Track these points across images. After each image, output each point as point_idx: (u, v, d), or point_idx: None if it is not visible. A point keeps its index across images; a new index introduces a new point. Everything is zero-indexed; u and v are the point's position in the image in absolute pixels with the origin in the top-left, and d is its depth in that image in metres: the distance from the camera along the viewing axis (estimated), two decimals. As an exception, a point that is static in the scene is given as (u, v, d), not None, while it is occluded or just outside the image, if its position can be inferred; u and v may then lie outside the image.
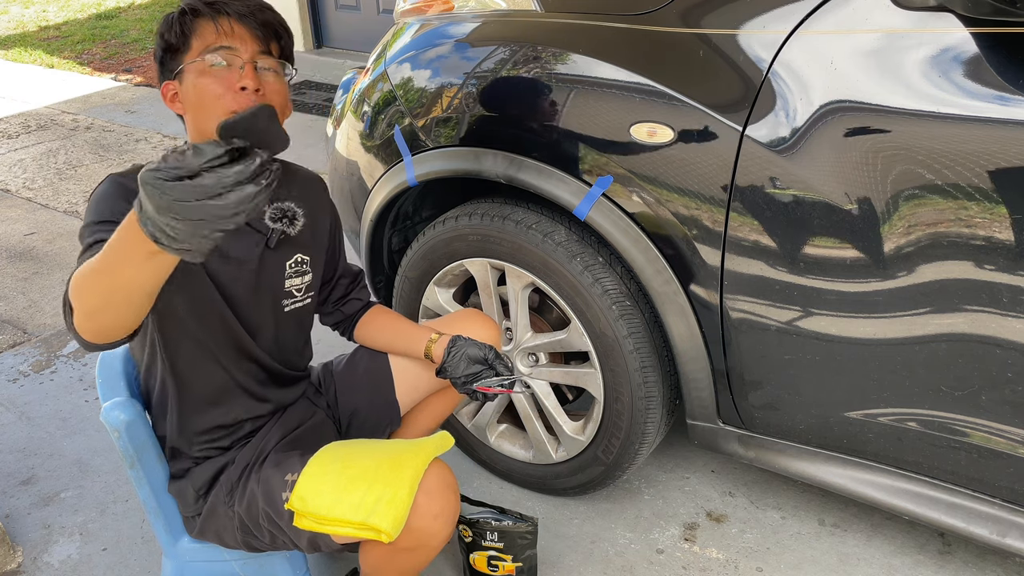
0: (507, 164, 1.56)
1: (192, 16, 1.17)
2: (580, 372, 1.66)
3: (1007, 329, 1.18)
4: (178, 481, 1.33)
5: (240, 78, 1.16)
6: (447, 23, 1.73)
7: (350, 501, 1.17)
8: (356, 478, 1.19)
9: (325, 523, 1.19)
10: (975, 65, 1.12)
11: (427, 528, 1.19)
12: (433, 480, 1.20)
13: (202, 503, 1.32)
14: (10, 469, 2.01)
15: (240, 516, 1.28)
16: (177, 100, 1.22)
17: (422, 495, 1.18)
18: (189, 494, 1.32)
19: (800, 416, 1.45)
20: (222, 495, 1.30)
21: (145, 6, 7.86)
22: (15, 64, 6.13)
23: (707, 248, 1.37)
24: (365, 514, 1.16)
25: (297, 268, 1.33)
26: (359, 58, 5.01)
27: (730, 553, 1.69)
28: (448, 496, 1.21)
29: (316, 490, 1.20)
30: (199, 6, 1.17)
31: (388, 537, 1.15)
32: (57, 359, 2.46)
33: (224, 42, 1.16)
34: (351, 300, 1.53)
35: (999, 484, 1.32)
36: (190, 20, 1.17)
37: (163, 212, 0.78)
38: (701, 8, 1.34)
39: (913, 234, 1.19)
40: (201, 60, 1.16)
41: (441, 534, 1.21)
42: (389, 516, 1.15)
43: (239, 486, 1.29)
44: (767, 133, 1.26)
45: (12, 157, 4.22)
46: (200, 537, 1.35)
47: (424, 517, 1.18)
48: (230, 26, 1.17)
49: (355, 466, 1.22)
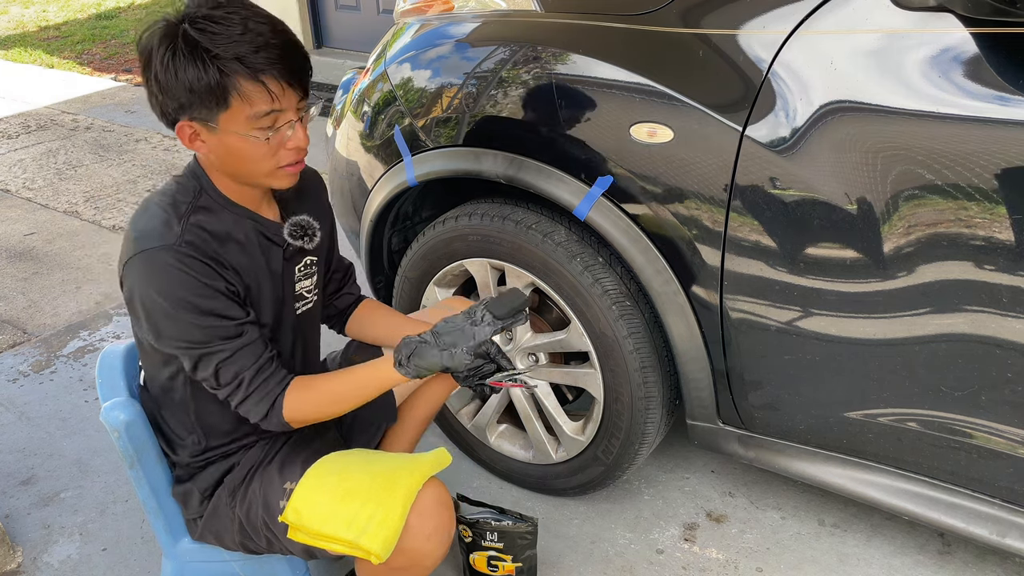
0: (507, 164, 1.56)
1: (233, 75, 1.05)
2: (580, 372, 1.66)
3: (1007, 329, 1.18)
4: (183, 484, 1.33)
5: (290, 139, 1.12)
6: (447, 23, 1.73)
7: (343, 517, 1.17)
8: (351, 492, 1.19)
9: (318, 538, 1.19)
10: (975, 65, 1.12)
11: (419, 549, 1.19)
12: (427, 500, 1.19)
13: (206, 505, 1.32)
14: (10, 469, 2.01)
15: (240, 519, 1.28)
16: (199, 141, 1.13)
17: (414, 516, 1.18)
18: (195, 496, 1.32)
19: (800, 416, 1.45)
20: (224, 496, 1.30)
21: (145, 6, 7.86)
22: (15, 64, 6.13)
23: (707, 248, 1.37)
24: (356, 533, 1.15)
25: (306, 271, 1.34)
26: (359, 58, 5.01)
27: (730, 553, 1.69)
28: (442, 516, 1.20)
29: (311, 502, 1.20)
30: (241, 68, 1.05)
31: (378, 559, 1.15)
32: (57, 359, 2.46)
33: (274, 106, 1.09)
34: (344, 295, 1.52)
35: (999, 484, 1.32)
36: (232, 79, 1.05)
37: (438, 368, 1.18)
38: (701, 8, 1.34)
39: (913, 234, 1.19)
40: (251, 134, 1.10)
41: (434, 554, 1.20)
42: (379, 537, 1.15)
43: (242, 488, 1.29)
44: (767, 133, 1.26)
45: (12, 157, 4.22)
46: (201, 539, 1.35)
47: (416, 538, 1.18)
48: (280, 88, 1.08)
49: (351, 479, 1.21)
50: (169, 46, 1.05)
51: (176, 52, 1.05)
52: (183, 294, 1.10)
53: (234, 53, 1.05)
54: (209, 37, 1.04)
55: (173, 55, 1.05)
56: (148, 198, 1.19)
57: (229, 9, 1.07)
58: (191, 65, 1.05)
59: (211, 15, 1.06)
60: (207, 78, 1.05)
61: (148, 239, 1.11)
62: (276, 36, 1.08)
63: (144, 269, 1.10)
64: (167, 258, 1.09)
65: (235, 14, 1.07)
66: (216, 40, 1.04)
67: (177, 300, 1.10)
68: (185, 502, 1.33)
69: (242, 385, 1.17)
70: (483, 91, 1.58)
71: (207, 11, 1.06)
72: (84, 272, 3.00)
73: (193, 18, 1.06)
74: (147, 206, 1.17)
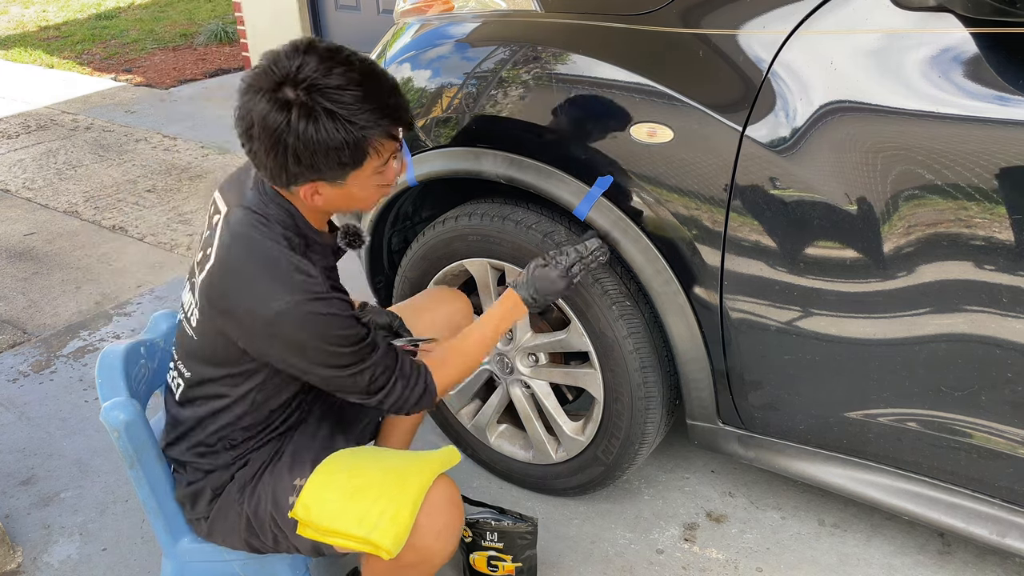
0: (507, 164, 1.56)
1: (371, 137, 1.10)
2: (580, 372, 1.66)
3: (1007, 329, 1.18)
4: (195, 484, 1.32)
5: (394, 170, 1.19)
6: (447, 23, 1.73)
7: (354, 513, 1.18)
8: (361, 489, 1.20)
9: (328, 534, 1.20)
10: (975, 65, 1.12)
11: (429, 546, 1.20)
12: (437, 497, 1.21)
13: (214, 504, 1.32)
14: (10, 469, 2.01)
15: (248, 515, 1.29)
16: (317, 195, 1.16)
17: (424, 513, 1.19)
18: (206, 495, 1.31)
19: (800, 416, 1.45)
20: (234, 492, 1.30)
21: (145, 6, 7.86)
22: (15, 64, 6.13)
23: (707, 248, 1.37)
24: (367, 529, 1.17)
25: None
26: (359, 58, 5.01)
27: (730, 553, 1.69)
28: (452, 513, 1.23)
29: (321, 498, 1.21)
30: (378, 130, 1.10)
31: (388, 554, 1.17)
32: (57, 359, 2.46)
33: (396, 149, 1.16)
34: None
35: (999, 484, 1.32)
36: (370, 141, 1.10)
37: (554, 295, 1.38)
38: (701, 8, 1.34)
39: (913, 234, 1.19)
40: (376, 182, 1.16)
41: (443, 551, 1.22)
42: (391, 533, 1.16)
43: (251, 484, 1.30)
44: (767, 133, 1.26)
45: (12, 157, 4.22)
46: (208, 538, 1.34)
47: (426, 535, 1.20)
48: (399, 133, 1.15)
49: (361, 476, 1.22)
50: (302, 115, 1.05)
51: (311, 120, 1.05)
52: (338, 332, 1.16)
53: (369, 119, 1.08)
54: (342, 105, 1.06)
55: (308, 124, 1.05)
56: (251, 237, 1.16)
57: (344, 69, 1.07)
58: (329, 133, 1.06)
59: (332, 83, 1.06)
60: (347, 144, 1.08)
61: (293, 289, 1.13)
62: (391, 88, 1.12)
63: (300, 320, 1.13)
64: (319, 307, 1.14)
65: (351, 73, 1.07)
66: (350, 108, 1.06)
67: (334, 339, 1.15)
68: (194, 501, 1.33)
69: (396, 385, 1.24)
70: (483, 91, 1.58)
71: (325, 78, 1.06)
72: (84, 272, 3.00)
73: (315, 87, 1.05)
74: (261, 248, 1.15)
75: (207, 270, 1.19)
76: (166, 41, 6.51)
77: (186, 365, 1.29)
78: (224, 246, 1.17)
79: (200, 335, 1.24)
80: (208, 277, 1.18)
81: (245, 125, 1.09)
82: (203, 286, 1.20)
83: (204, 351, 1.25)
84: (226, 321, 1.18)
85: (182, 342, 1.30)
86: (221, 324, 1.19)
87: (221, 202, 1.25)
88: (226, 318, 1.18)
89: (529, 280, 1.40)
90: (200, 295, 1.21)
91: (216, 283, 1.17)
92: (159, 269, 3.00)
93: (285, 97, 1.05)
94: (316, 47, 1.09)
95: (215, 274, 1.17)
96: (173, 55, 6.13)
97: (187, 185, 3.77)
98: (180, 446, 1.32)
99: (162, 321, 1.51)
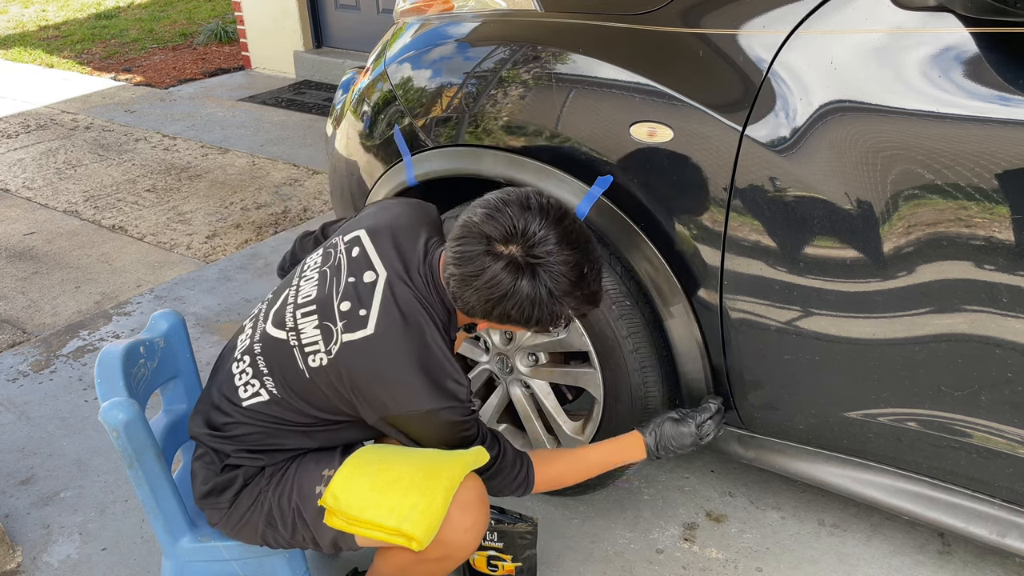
0: (507, 164, 1.56)
1: (569, 313, 1.22)
2: (580, 372, 1.66)
3: (1007, 329, 1.18)
4: (227, 473, 1.30)
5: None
6: (447, 23, 1.73)
7: (385, 504, 1.19)
8: (393, 482, 1.21)
9: (356, 524, 1.21)
10: (975, 65, 1.12)
11: (457, 540, 1.22)
12: (468, 493, 1.23)
13: (241, 493, 1.30)
14: (10, 469, 2.01)
15: (271, 505, 1.28)
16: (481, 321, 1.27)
17: (456, 508, 1.21)
18: (236, 484, 1.30)
19: (800, 416, 1.45)
20: (262, 482, 1.30)
21: (145, 6, 7.86)
22: (15, 64, 6.13)
23: (707, 248, 1.37)
24: (398, 520, 1.17)
25: None
26: (359, 58, 5.01)
27: (730, 553, 1.69)
28: (481, 510, 1.25)
29: (351, 488, 1.22)
30: (575, 312, 1.23)
31: (419, 545, 1.18)
32: (56, 359, 2.46)
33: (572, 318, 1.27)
34: None
35: (999, 484, 1.32)
36: (566, 314, 1.22)
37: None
38: (701, 8, 1.34)
39: (913, 234, 1.19)
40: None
41: (468, 548, 1.24)
42: (422, 524, 1.17)
43: (280, 471, 1.30)
44: (767, 133, 1.26)
45: (12, 157, 4.22)
46: (219, 527, 1.32)
47: (456, 530, 1.21)
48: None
49: (392, 470, 1.23)
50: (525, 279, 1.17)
51: (532, 289, 1.17)
52: (460, 434, 1.27)
53: (575, 304, 1.21)
54: (560, 286, 1.18)
55: (527, 294, 1.17)
56: (421, 329, 1.23)
57: (571, 253, 1.18)
58: (540, 307, 1.19)
59: (558, 261, 1.17)
60: (547, 317, 1.21)
61: (443, 397, 1.21)
62: (598, 272, 1.24)
63: (432, 422, 1.23)
64: (454, 416, 1.23)
65: (577, 254, 1.19)
66: (565, 291, 1.19)
67: (452, 438, 1.27)
68: (222, 489, 1.30)
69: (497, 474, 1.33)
70: (483, 91, 1.58)
71: (572, 278, 1.18)
72: (84, 272, 3.00)
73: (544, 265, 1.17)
74: (424, 349, 1.22)
75: (360, 337, 1.21)
76: (166, 40, 6.51)
77: (280, 390, 1.28)
78: (390, 324, 1.21)
79: (314, 379, 1.25)
80: (361, 346, 1.21)
81: (472, 271, 1.18)
82: (350, 353, 1.21)
83: (309, 394, 1.26)
84: (356, 395, 1.22)
85: (282, 365, 1.28)
86: (347, 393, 1.22)
87: (375, 256, 1.29)
88: (357, 394, 1.22)
89: (659, 430, 1.44)
90: (340, 355, 1.22)
91: (365, 362, 1.21)
92: (159, 269, 3.00)
93: (515, 262, 1.16)
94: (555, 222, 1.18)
95: (367, 351, 1.21)
96: (173, 54, 6.13)
97: (187, 185, 3.77)
98: (227, 441, 1.30)
99: (162, 321, 1.50)
